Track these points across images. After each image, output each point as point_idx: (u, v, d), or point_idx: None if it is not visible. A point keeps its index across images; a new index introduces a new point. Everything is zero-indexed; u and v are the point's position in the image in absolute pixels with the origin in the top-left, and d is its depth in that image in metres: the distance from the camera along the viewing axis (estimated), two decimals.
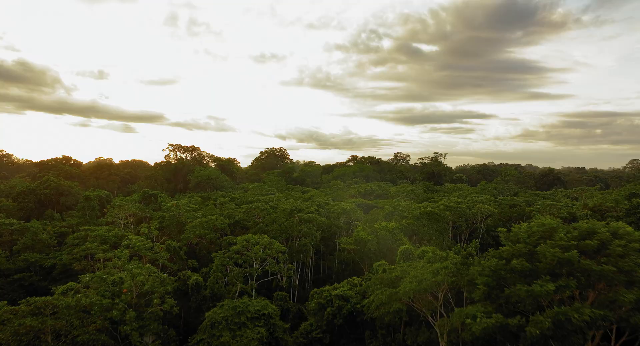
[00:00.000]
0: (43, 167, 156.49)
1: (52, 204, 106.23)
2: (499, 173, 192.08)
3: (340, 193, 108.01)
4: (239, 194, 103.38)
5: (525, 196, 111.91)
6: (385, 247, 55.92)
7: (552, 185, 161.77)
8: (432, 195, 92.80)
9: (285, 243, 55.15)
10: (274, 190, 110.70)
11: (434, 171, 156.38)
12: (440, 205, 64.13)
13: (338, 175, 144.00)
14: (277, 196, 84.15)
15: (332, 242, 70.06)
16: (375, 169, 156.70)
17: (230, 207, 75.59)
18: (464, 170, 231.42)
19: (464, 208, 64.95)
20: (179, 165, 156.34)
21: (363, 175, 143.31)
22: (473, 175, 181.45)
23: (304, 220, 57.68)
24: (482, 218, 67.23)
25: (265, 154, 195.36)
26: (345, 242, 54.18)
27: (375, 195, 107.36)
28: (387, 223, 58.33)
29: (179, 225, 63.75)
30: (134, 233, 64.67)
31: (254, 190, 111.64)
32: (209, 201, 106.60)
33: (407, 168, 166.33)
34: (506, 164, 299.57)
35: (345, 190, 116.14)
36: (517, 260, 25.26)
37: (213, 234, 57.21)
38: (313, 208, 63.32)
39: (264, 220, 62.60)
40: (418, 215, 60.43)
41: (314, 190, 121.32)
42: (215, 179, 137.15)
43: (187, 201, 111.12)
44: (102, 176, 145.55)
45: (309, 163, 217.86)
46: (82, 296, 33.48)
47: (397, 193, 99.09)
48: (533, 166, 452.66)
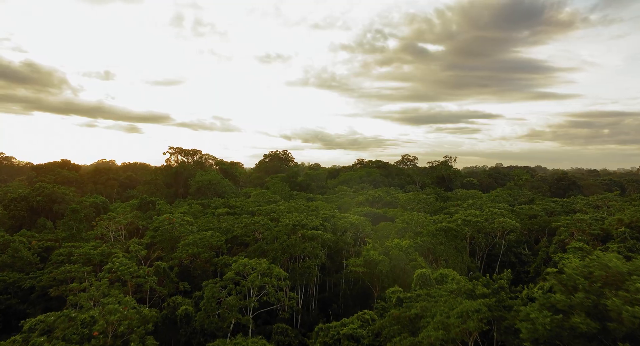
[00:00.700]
0: (40, 171, 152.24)
1: (45, 212, 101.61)
2: (511, 177, 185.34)
3: (347, 200, 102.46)
4: (240, 202, 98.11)
5: (542, 203, 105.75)
6: (398, 268, 50.32)
7: (568, 190, 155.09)
8: (445, 205, 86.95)
9: (288, 264, 49.71)
10: (277, 197, 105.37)
11: (443, 175, 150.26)
12: (458, 220, 58.36)
13: (344, 180, 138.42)
14: (279, 206, 78.73)
15: (338, 257, 64.58)
16: (383, 173, 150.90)
17: (228, 219, 70.25)
18: (473, 173, 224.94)
19: (484, 223, 59.14)
20: (179, 169, 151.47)
21: (370, 180, 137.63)
22: (484, 179, 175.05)
23: (307, 237, 52.18)
24: (504, 234, 61.41)
25: (269, 157, 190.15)
26: (353, 264, 48.62)
27: (384, 203, 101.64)
28: (399, 240, 52.69)
29: (171, 240, 58.48)
30: (124, 248, 59.54)
31: (256, 197, 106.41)
32: (208, 209, 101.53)
33: (416, 172, 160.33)
34: (516, 166, 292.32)
35: (352, 197, 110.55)
36: (580, 318, 19.65)
37: (208, 253, 51.87)
38: (318, 223, 57.82)
39: (264, 234, 57.20)
40: (434, 232, 54.74)
41: (319, 196, 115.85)
42: (216, 184, 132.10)
43: (186, 208, 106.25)
44: (101, 181, 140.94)
45: (313, 166, 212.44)
46: (44, 341, 28.19)
47: (407, 202, 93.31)
48: (542, 168, 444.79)
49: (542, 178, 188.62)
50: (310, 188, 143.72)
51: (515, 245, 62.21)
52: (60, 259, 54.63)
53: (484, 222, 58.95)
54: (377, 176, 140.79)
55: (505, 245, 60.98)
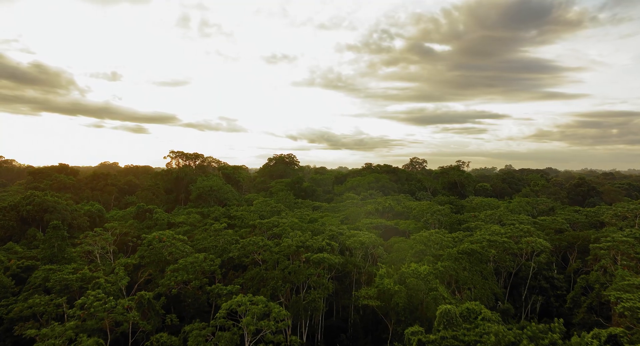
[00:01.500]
0: (37, 176, 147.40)
1: (36, 222, 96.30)
2: (526, 182, 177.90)
3: (355, 210, 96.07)
4: (241, 211, 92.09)
5: (564, 213, 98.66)
6: (416, 299, 43.88)
7: (587, 196, 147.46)
8: (462, 218, 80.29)
9: (290, 294, 43.48)
10: (281, 206, 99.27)
11: (455, 181, 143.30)
12: (482, 240, 51.75)
13: (352, 186, 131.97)
14: (282, 219, 72.58)
15: (347, 278, 58.31)
16: (392, 179, 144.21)
17: (227, 234, 64.16)
18: (485, 177, 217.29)
19: (510, 243, 52.44)
20: (180, 174, 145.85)
21: (379, 186, 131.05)
22: (497, 184, 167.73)
23: (313, 261, 45.92)
24: (532, 254, 54.70)
25: (274, 161, 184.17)
26: (365, 295, 42.25)
27: (394, 214, 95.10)
28: (417, 265, 46.23)
29: (161, 262, 52.46)
30: (109, 270, 53.64)
31: (258, 206, 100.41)
32: (207, 219, 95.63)
33: (426, 177, 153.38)
34: (528, 170, 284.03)
35: (360, 205, 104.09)
36: None
37: (199, 280, 45.76)
38: (324, 243, 51.52)
39: (264, 255, 50.99)
40: (456, 255, 48.22)
41: (325, 204, 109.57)
42: (218, 190, 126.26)
43: (184, 218, 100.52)
44: (98, 186, 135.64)
45: (319, 170, 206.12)
46: None
47: (420, 213, 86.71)
48: (553, 170, 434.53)
49: (558, 182, 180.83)
50: (315, 194, 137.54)
51: (545, 268, 55.50)
52: (37, 283, 48.92)
53: (510, 242, 52.27)
54: (386, 181, 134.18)
55: (534, 267, 54.24)
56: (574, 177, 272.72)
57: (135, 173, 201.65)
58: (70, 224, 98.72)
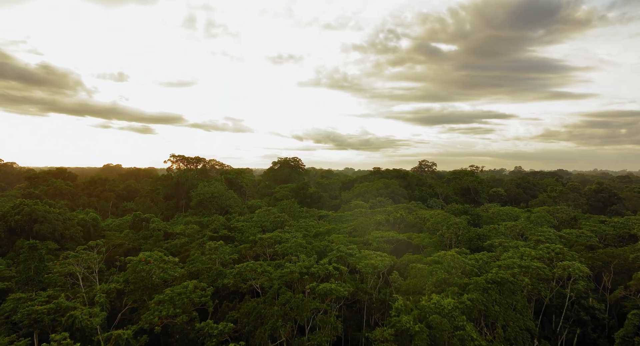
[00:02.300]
0: (34, 181, 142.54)
1: (25, 233, 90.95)
2: (541, 187, 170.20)
3: (364, 221, 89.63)
4: (242, 223, 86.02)
5: (588, 223, 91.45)
6: (440, 340, 37.42)
7: (608, 202, 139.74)
8: (481, 232, 73.59)
9: (292, 334, 37.21)
10: (285, 215, 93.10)
11: (469, 187, 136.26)
12: (513, 266, 45.05)
13: (359, 192, 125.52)
14: (285, 233, 66.42)
15: (357, 305, 51.98)
16: (402, 184, 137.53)
17: (223, 252, 58.02)
18: (497, 180, 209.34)
19: (546, 270, 45.73)
20: (181, 179, 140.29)
21: (388, 192, 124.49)
22: (511, 189, 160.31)
23: (319, 293, 39.61)
24: (568, 280, 47.92)
25: (279, 164, 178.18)
26: (380, 338, 35.82)
27: (407, 225, 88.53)
28: (439, 297, 39.75)
29: (147, 288, 46.41)
30: (90, 297, 47.70)
31: (261, 215, 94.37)
32: (206, 230, 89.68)
33: (437, 182, 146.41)
34: (540, 172, 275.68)
35: (369, 215, 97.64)
36: None
37: (188, 314, 39.58)
38: (331, 268, 45.23)
39: (262, 281, 44.79)
40: (484, 285, 41.63)
41: (332, 213, 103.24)
42: (219, 197, 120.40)
43: (182, 228, 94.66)
44: (95, 192, 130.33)
45: (325, 173, 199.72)
46: None
47: (435, 225, 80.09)
48: (564, 171, 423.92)
49: (574, 187, 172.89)
50: (322, 201, 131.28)
51: (584, 296, 48.74)
52: (4, 315, 43.08)
53: (545, 269, 45.56)
54: (395, 187, 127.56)
55: (572, 296, 47.49)
56: (588, 179, 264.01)
57: (137, 177, 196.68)
58: (61, 234, 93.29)
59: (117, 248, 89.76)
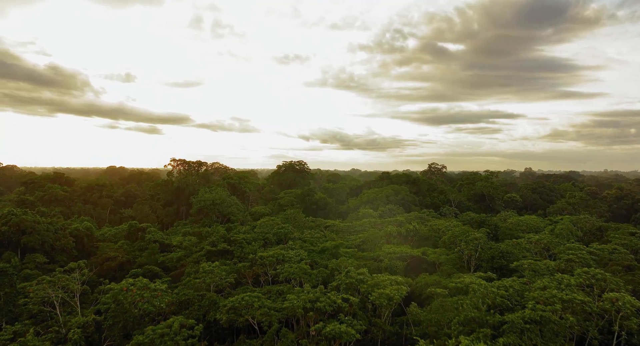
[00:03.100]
0: (29, 186, 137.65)
1: (13, 244, 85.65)
2: (558, 192, 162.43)
3: (373, 233, 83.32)
4: (242, 236, 79.98)
5: (618, 236, 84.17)
6: None
7: (632, 210, 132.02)
8: (504, 249, 66.79)
9: None
10: (289, 226, 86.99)
11: (483, 193, 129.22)
12: (555, 301, 38.37)
13: (368, 199, 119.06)
14: (289, 252, 60.30)
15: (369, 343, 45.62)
16: (412, 190, 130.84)
17: (218, 274, 51.92)
18: (510, 184, 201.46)
19: (592, 305, 39.05)
20: (181, 184, 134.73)
21: (398, 199, 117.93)
22: (526, 194, 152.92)
23: (326, 336, 33.36)
24: (617, 316, 41.18)
25: (283, 168, 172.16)
26: None
27: (420, 237, 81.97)
28: (468, 340, 33.29)
29: (128, 323, 40.39)
30: (63, 333, 41.78)
31: (263, 226, 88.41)
32: (204, 243, 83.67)
33: (450, 189, 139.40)
34: (554, 174, 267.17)
35: (379, 225, 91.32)
36: None
37: None
38: (339, 300, 38.97)
39: (259, 314, 38.63)
40: (522, 325, 35.08)
41: (338, 223, 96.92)
42: (220, 204, 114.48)
43: (179, 239, 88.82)
44: (92, 199, 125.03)
45: (332, 177, 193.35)
46: None
47: (452, 240, 73.53)
48: (576, 173, 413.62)
49: (592, 192, 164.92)
50: (328, 207, 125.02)
51: (637, 332, 41.94)
52: None
53: (591, 303, 38.93)
54: (406, 194, 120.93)
55: (621, 334, 40.73)
56: (603, 183, 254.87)
57: (139, 181, 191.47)
58: (52, 246, 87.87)
59: (109, 262, 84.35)
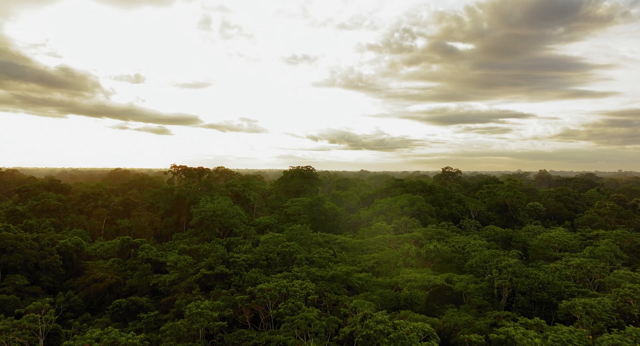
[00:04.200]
0: (23, 194, 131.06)
1: None
2: (583, 199, 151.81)
3: (389, 253, 74.60)
4: (243, 257, 71.70)
5: None
6: None
7: None
8: (543, 278, 57.48)
9: None
10: (295, 245, 78.51)
11: (506, 202, 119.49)
12: None
13: (381, 210, 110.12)
14: (294, 284, 51.83)
15: None
16: (428, 199, 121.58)
17: (209, 317, 43.58)
18: (528, 190, 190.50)
19: None
20: (182, 193, 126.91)
21: (413, 210, 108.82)
22: (550, 202, 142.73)
23: None
24: None
25: (290, 174, 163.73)
26: None
27: (443, 259, 72.89)
28: None
29: None
30: None
31: (267, 244, 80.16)
32: (200, 264, 75.45)
33: (470, 199, 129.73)
34: (574, 179, 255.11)
35: (394, 242, 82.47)
36: None
37: None
38: None
39: None
40: None
41: (349, 239, 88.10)
42: (222, 215, 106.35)
43: (174, 258, 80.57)
44: (86, 209, 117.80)
45: (341, 182, 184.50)
46: None
47: (481, 263, 64.44)
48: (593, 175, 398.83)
49: (619, 199, 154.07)
50: (337, 218, 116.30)
51: None
52: None
53: None
54: (422, 204, 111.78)
55: None
56: (627, 188, 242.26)
57: (141, 186, 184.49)
58: (36, 265, 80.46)
59: (97, 283, 76.70)
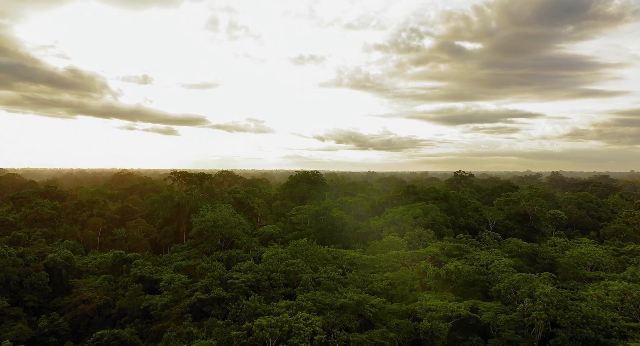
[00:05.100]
0: (17, 202, 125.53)
1: None
2: (606, 206, 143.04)
3: (404, 273, 67.34)
4: (242, 278, 64.92)
5: None
6: None
7: None
8: (585, 308, 49.84)
9: None
10: (300, 262, 71.58)
11: (527, 212, 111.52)
12: None
13: (392, 220, 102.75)
14: (300, 314, 44.84)
15: None
16: (442, 207, 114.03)
17: None
18: (546, 195, 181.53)
19: None
20: (182, 201, 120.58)
21: (427, 220, 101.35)
22: (572, 210, 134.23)
23: None
24: None
25: (296, 179, 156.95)
26: None
27: (465, 281, 65.33)
28: None
29: None
30: None
31: (270, 262, 73.36)
32: (198, 283, 68.71)
33: (487, 207, 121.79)
34: (592, 182, 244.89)
35: (410, 259, 75.20)
36: None
37: None
38: None
39: None
40: None
41: (359, 255, 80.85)
42: (223, 226, 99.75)
43: (168, 277, 73.97)
44: (81, 218, 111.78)
45: (349, 189, 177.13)
46: None
47: (510, 289, 56.94)
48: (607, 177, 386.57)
49: None
50: (346, 228, 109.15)
51: None
52: None
53: None
54: (436, 214, 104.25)
55: None
56: None
57: (142, 191, 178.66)
58: (20, 283, 74.21)
59: (85, 305, 70.30)
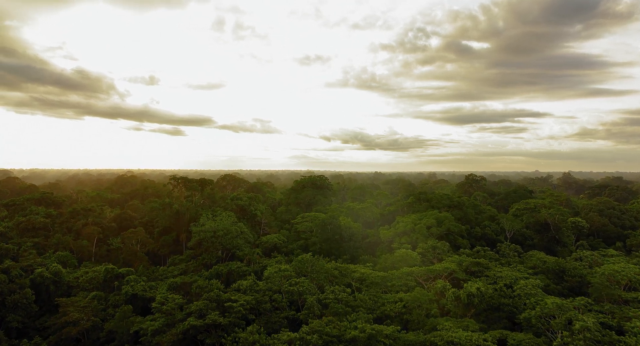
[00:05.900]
0: (11, 209, 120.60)
1: None
2: (630, 213, 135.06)
3: (419, 294, 60.85)
4: (242, 300, 58.79)
5: None
6: None
7: None
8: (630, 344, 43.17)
9: None
10: (305, 282, 65.37)
11: (548, 221, 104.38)
12: None
13: (404, 230, 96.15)
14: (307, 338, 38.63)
15: None
16: (457, 216, 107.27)
17: None
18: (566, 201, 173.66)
19: None
20: (181, 208, 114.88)
21: (441, 231, 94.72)
22: (594, 218, 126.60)
23: None
24: None
25: (302, 184, 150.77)
26: None
27: (489, 306, 58.62)
28: None
29: None
30: None
31: (272, 280, 67.24)
32: (192, 305, 62.62)
33: (505, 216, 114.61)
34: (606, 186, 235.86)
35: (425, 277, 68.72)
36: None
37: None
38: None
39: None
40: None
41: (369, 272, 74.40)
42: (223, 236, 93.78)
43: (162, 297, 67.89)
44: (76, 227, 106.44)
45: (356, 193, 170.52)
46: None
47: (543, 316, 50.27)
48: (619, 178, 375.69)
49: None
50: (354, 238, 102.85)
51: None
52: None
53: None
54: (450, 223, 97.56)
55: None
56: None
57: (144, 196, 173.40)
58: (2, 302, 68.89)
59: (70, 328, 64.51)
